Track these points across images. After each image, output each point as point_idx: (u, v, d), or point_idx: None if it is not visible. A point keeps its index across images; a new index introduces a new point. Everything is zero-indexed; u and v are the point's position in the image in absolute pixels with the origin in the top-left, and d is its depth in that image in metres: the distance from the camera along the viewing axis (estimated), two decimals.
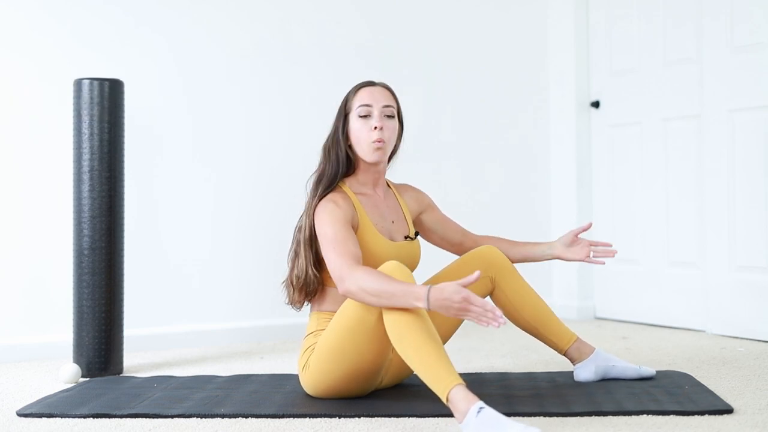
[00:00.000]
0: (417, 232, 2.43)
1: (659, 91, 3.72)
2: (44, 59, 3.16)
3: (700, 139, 3.52)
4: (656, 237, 3.74)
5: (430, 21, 3.94)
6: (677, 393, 2.28)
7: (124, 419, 2.15)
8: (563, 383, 2.45)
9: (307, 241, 2.28)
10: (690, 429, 1.95)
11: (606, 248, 2.46)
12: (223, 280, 3.46)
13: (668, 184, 3.68)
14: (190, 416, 2.15)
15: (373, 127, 2.29)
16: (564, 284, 4.06)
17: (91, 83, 2.81)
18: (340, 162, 2.32)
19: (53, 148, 3.14)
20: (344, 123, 2.34)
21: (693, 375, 2.56)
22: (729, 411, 2.09)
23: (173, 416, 2.15)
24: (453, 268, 2.41)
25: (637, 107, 3.83)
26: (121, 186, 2.85)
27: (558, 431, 1.96)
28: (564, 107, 4.09)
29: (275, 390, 2.42)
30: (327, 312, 2.29)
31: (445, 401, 1.91)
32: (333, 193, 2.29)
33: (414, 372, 2.26)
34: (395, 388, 2.39)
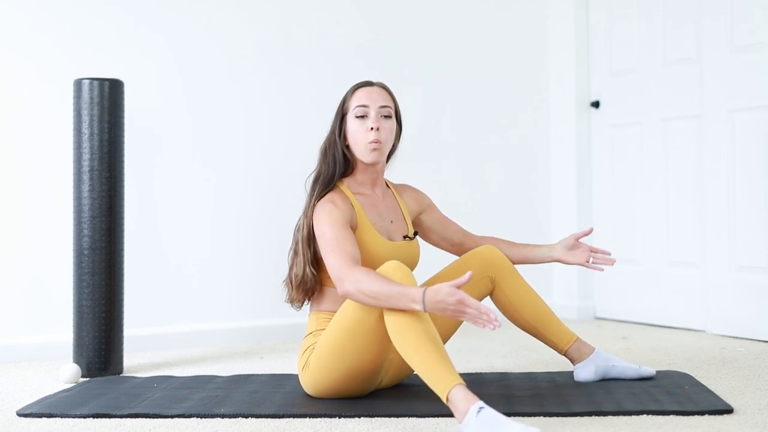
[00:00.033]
0: (416, 232, 2.43)
1: (659, 91, 3.72)
2: (44, 59, 3.16)
3: (700, 139, 3.52)
4: (656, 237, 3.74)
5: (430, 21, 3.94)
6: (677, 393, 2.28)
7: (124, 419, 2.15)
8: (563, 383, 2.45)
9: (305, 241, 2.29)
10: (690, 429, 1.95)
11: (605, 256, 2.47)
12: (223, 280, 3.46)
13: (668, 184, 3.68)
14: (190, 416, 2.15)
15: (370, 128, 2.29)
16: (564, 284, 4.05)
17: (91, 83, 2.81)
18: (337, 162, 2.32)
19: (53, 148, 3.14)
20: (341, 123, 2.34)
21: (693, 375, 2.56)
22: (729, 411, 2.09)
23: (173, 416, 2.15)
24: (453, 268, 2.41)
25: (637, 107, 3.83)
26: (121, 186, 2.85)
27: (558, 431, 1.96)
28: (564, 107, 4.09)
29: (275, 390, 2.42)
30: (326, 312, 2.29)
31: (445, 401, 1.91)
32: (331, 193, 2.29)
33: (414, 372, 2.27)
34: (395, 388, 2.39)
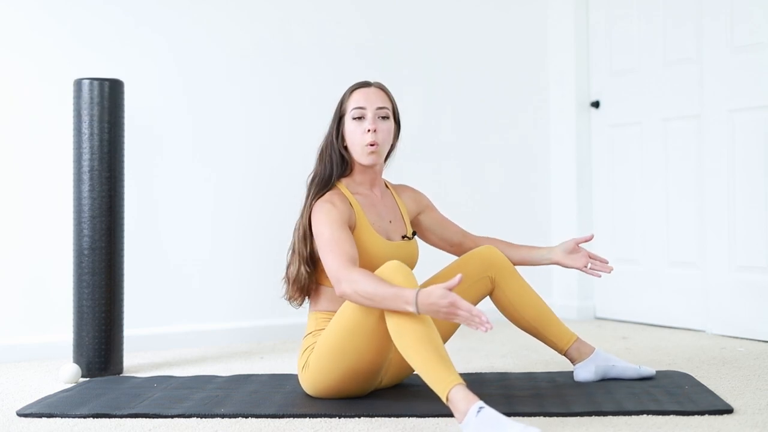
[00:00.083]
0: (414, 232, 2.43)
1: (659, 91, 3.72)
2: (44, 59, 3.16)
3: (700, 139, 3.52)
4: (656, 237, 3.74)
5: (430, 21, 3.94)
6: (677, 393, 2.28)
7: (124, 419, 2.15)
8: (563, 383, 2.45)
9: (302, 240, 2.30)
10: (690, 429, 1.95)
11: (603, 264, 2.47)
12: (223, 280, 3.46)
13: (668, 184, 3.68)
14: (190, 416, 2.15)
15: (367, 130, 2.29)
16: (564, 284, 4.05)
17: (91, 83, 2.81)
18: (334, 164, 2.33)
19: (53, 148, 3.14)
20: (339, 125, 2.35)
21: (693, 375, 2.56)
22: (729, 411, 2.09)
23: (173, 416, 2.15)
24: (453, 268, 2.41)
25: (637, 107, 3.83)
26: (121, 186, 2.85)
27: (558, 431, 1.96)
28: (564, 107, 4.09)
29: (275, 390, 2.42)
30: (326, 312, 2.29)
31: (445, 401, 1.91)
32: (330, 193, 2.29)
33: (414, 372, 2.27)
34: (395, 388, 2.39)
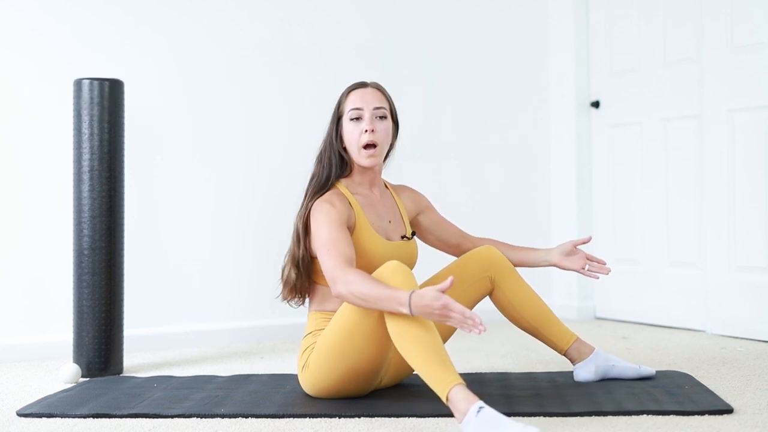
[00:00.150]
0: (414, 232, 2.43)
1: (659, 91, 3.72)
2: (44, 59, 3.16)
3: (700, 139, 3.52)
4: (656, 237, 3.74)
5: (430, 21, 3.94)
6: (677, 393, 2.28)
7: (124, 419, 2.15)
8: (563, 383, 2.45)
9: (295, 241, 2.31)
10: (690, 429, 1.95)
11: (601, 265, 2.47)
12: (223, 280, 3.46)
13: (668, 184, 3.68)
14: (190, 416, 2.15)
15: (364, 130, 2.29)
16: (564, 284, 4.05)
17: (91, 83, 2.81)
18: (332, 165, 2.33)
19: (53, 148, 3.14)
20: (337, 126, 2.35)
21: (693, 375, 2.56)
22: (729, 411, 2.09)
23: (173, 416, 2.15)
24: (452, 269, 2.41)
25: (637, 107, 3.83)
26: (121, 186, 2.85)
27: (558, 431, 1.96)
28: (564, 107, 4.09)
29: (275, 390, 2.42)
30: (325, 312, 2.29)
31: (445, 401, 1.91)
32: (329, 193, 2.29)
33: (414, 371, 2.27)
34: (395, 388, 2.39)
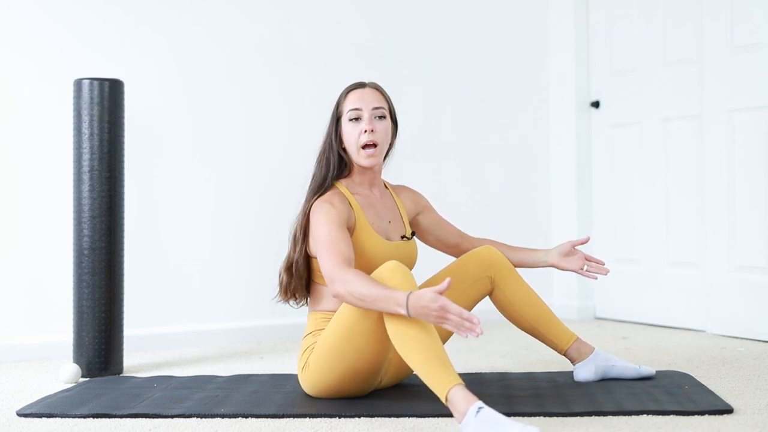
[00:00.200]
0: (413, 232, 2.43)
1: (659, 91, 3.72)
2: (44, 59, 3.16)
3: (700, 139, 3.52)
4: (656, 237, 3.74)
5: (430, 21, 3.94)
6: (677, 393, 2.28)
7: (124, 419, 2.15)
8: (563, 383, 2.45)
9: (293, 242, 2.32)
10: (690, 429, 1.95)
11: (599, 265, 2.47)
12: (223, 280, 3.46)
13: (668, 184, 3.68)
14: (190, 416, 2.15)
15: (364, 131, 2.29)
16: (564, 284, 4.05)
17: (91, 83, 2.81)
18: (331, 166, 2.33)
19: (53, 148, 3.14)
20: (336, 127, 2.35)
21: (693, 375, 2.56)
22: (729, 411, 2.09)
23: (173, 416, 2.15)
24: (452, 269, 2.41)
25: (637, 107, 3.83)
26: (121, 186, 2.85)
27: (558, 431, 1.96)
28: (564, 107, 4.09)
29: (275, 390, 2.42)
30: (325, 312, 2.29)
31: (445, 401, 1.91)
32: (330, 194, 2.29)
33: (414, 372, 2.27)
34: (395, 388, 2.39)
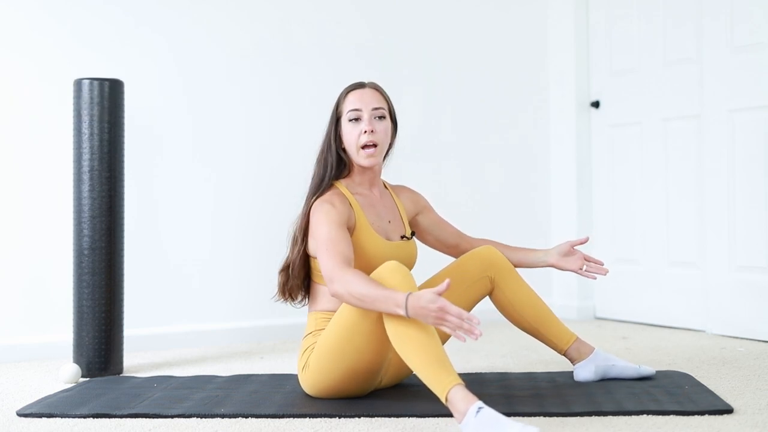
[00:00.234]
0: (413, 232, 2.43)
1: (659, 91, 3.72)
2: (44, 59, 3.16)
3: (700, 139, 3.52)
4: (656, 237, 3.74)
5: (430, 21, 3.94)
6: (677, 393, 2.28)
7: (124, 419, 2.15)
8: (563, 383, 2.45)
9: (292, 242, 2.32)
10: (690, 429, 1.95)
11: (598, 266, 2.47)
12: (223, 280, 3.46)
13: (668, 184, 3.68)
14: (190, 416, 2.15)
15: (363, 131, 2.29)
16: (564, 284, 4.05)
17: (91, 83, 2.81)
18: (329, 166, 2.33)
19: (53, 148, 3.14)
20: (336, 127, 2.35)
21: (693, 375, 2.56)
22: (729, 411, 2.09)
23: (173, 416, 2.15)
24: (452, 269, 2.41)
25: (637, 107, 3.83)
26: (121, 186, 2.85)
27: (558, 431, 1.96)
28: (564, 107, 4.09)
29: (275, 390, 2.42)
30: (325, 312, 2.29)
31: (444, 401, 1.91)
32: (330, 193, 2.29)
33: (413, 372, 2.27)
34: (395, 388, 2.39)
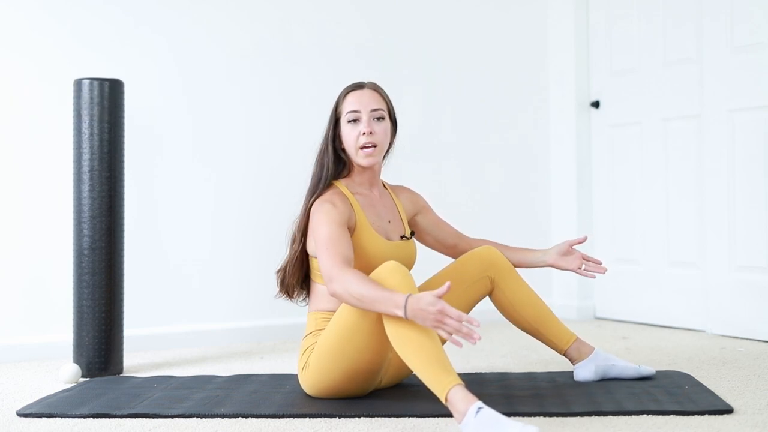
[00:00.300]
0: (413, 232, 2.43)
1: (659, 91, 3.72)
2: (44, 59, 3.16)
3: (700, 139, 3.52)
4: (656, 237, 3.74)
5: (430, 21, 3.94)
6: (677, 393, 2.28)
7: (124, 419, 2.15)
8: (563, 383, 2.45)
9: (291, 242, 2.33)
10: (690, 429, 1.95)
11: (597, 265, 2.47)
12: (223, 280, 3.46)
13: (668, 184, 3.68)
14: (190, 416, 2.15)
15: (362, 133, 2.29)
16: (564, 284, 4.05)
17: (91, 83, 2.81)
18: (326, 167, 2.33)
19: (53, 148, 3.14)
20: (335, 128, 2.35)
21: (693, 375, 2.56)
22: (729, 411, 2.09)
23: (173, 416, 2.15)
24: (452, 269, 2.41)
25: (637, 107, 3.83)
26: (121, 186, 2.85)
27: (558, 431, 1.96)
28: (564, 107, 4.09)
29: (275, 390, 2.42)
30: (325, 312, 2.29)
31: (444, 401, 1.91)
32: (330, 193, 2.29)
33: (413, 372, 2.27)
34: (395, 388, 2.39)
